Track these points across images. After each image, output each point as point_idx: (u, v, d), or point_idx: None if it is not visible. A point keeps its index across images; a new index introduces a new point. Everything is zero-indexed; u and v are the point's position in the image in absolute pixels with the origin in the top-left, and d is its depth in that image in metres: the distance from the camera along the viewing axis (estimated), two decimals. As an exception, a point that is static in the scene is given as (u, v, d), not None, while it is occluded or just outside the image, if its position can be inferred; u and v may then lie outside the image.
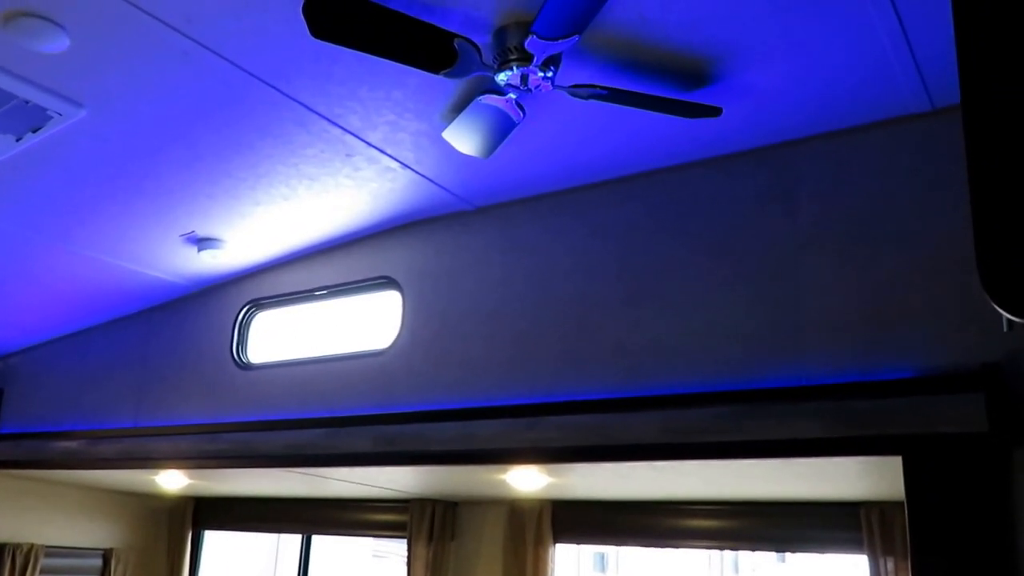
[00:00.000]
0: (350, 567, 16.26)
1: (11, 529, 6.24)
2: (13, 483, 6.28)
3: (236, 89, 3.21)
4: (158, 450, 4.97)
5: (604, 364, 3.67)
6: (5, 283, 5.11)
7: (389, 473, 4.52)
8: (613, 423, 3.48)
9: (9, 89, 3.14)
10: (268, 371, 4.83)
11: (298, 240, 4.64)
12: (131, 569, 6.82)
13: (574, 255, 3.90)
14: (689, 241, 3.63)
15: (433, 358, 4.19)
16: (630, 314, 3.67)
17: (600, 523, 5.05)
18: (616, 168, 3.82)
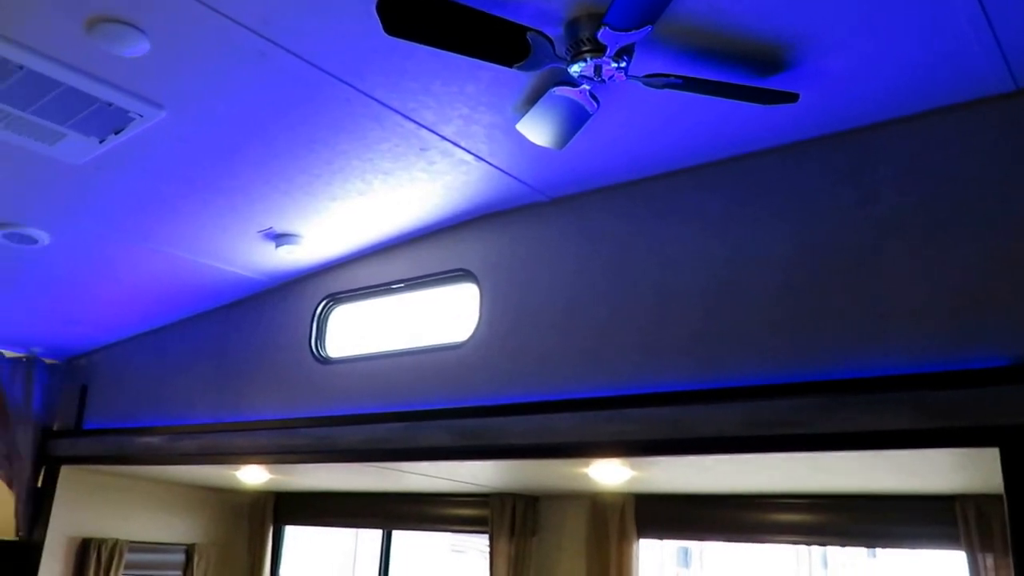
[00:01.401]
0: (428, 562, 16.55)
1: (96, 525, 6.55)
2: (98, 479, 6.59)
3: (311, 87, 3.39)
4: (238, 445, 5.19)
5: (684, 355, 3.77)
6: (89, 281, 5.39)
7: (468, 467, 4.67)
8: (694, 415, 3.56)
9: (92, 92, 3.34)
10: (346, 365, 5.02)
11: (374, 234, 4.82)
12: (213, 564, 7.09)
13: (650, 245, 4.01)
14: (766, 229, 3.70)
15: (511, 351, 4.33)
16: (709, 304, 3.76)
17: (684, 517, 5.14)
18: (691, 157, 3.92)
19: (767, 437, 3.40)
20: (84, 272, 5.26)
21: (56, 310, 5.88)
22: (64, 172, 4.00)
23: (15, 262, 5.00)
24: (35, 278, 5.29)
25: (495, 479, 5.23)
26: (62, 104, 3.42)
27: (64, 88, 3.31)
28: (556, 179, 4.21)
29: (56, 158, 3.84)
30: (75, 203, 4.37)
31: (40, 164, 3.92)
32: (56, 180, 4.10)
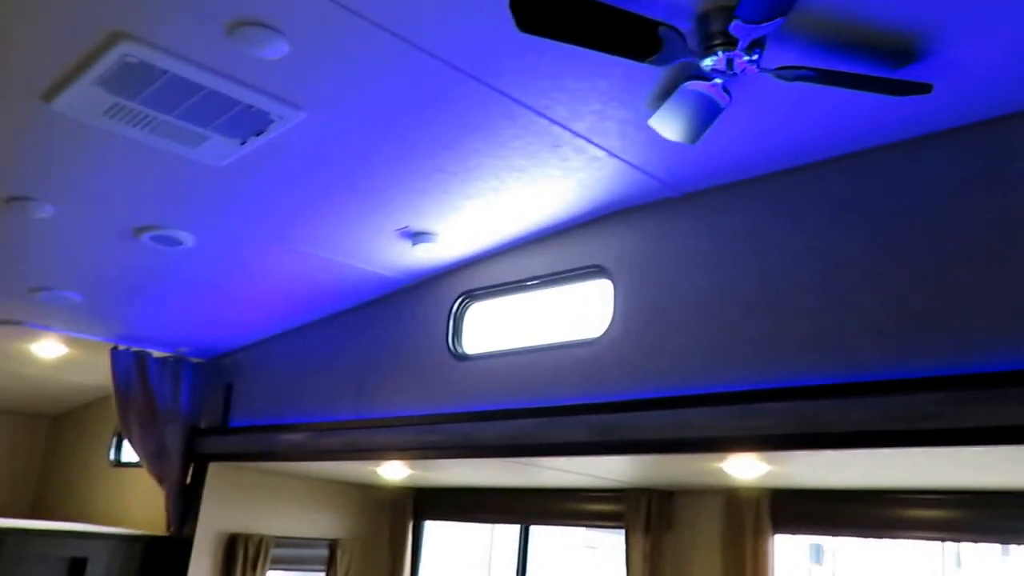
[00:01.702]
0: (563, 558, 16.69)
1: (243, 521, 6.84)
2: (244, 475, 6.87)
3: (445, 85, 3.51)
4: (379, 441, 5.38)
5: (820, 349, 3.80)
6: (231, 281, 5.67)
7: (605, 463, 4.77)
8: (832, 409, 3.59)
9: (234, 95, 3.48)
10: (483, 361, 5.18)
11: (508, 231, 4.98)
12: (356, 559, 7.31)
13: (784, 239, 4.06)
14: (899, 222, 3.71)
15: (645, 346, 4.43)
16: (845, 298, 3.78)
17: (819, 513, 5.12)
18: (822, 150, 3.94)
19: (906, 432, 3.41)
20: (226, 272, 5.52)
21: (201, 310, 6.17)
22: (206, 174, 4.18)
23: (162, 264, 5.26)
24: (180, 279, 5.56)
25: (630, 474, 5.31)
26: (204, 107, 3.56)
27: (206, 91, 3.45)
28: (687, 174, 4.29)
29: (199, 160, 4.02)
30: (217, 205, 4.58)
31: (183, 167, 4.10)
32: (198, 182, 4.29)
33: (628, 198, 4.57)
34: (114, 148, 3.95)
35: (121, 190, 4.43)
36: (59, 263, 5.38)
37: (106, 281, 5.70)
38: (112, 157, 4.06)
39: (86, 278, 5.63)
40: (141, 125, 3.70)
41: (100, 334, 6.69)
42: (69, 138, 3.88)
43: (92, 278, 5.63)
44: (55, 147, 4.01)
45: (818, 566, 17.98)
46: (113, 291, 5.89)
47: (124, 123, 3.68)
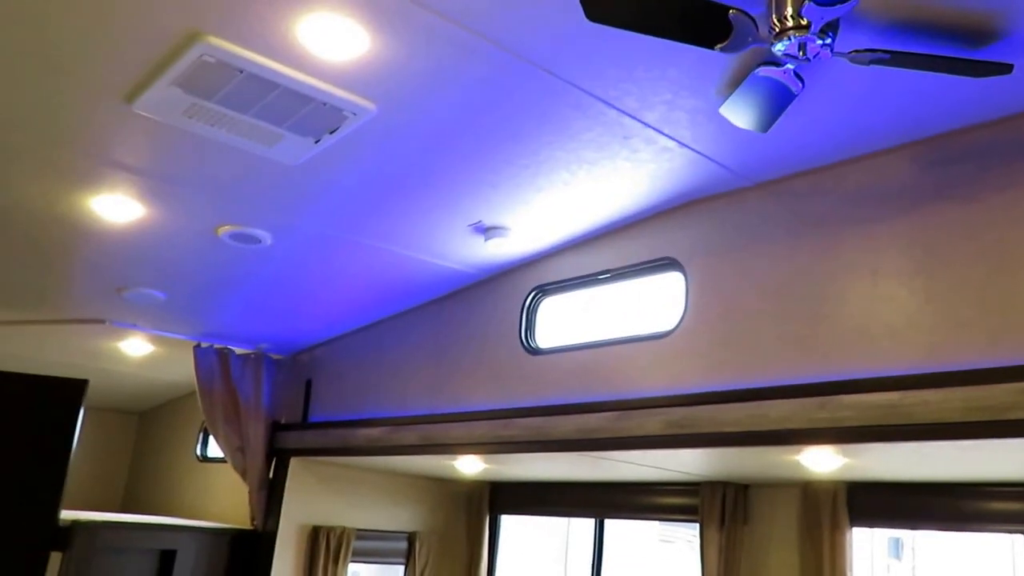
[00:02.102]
0: (638, 552, 16.57)
1: (324, 514, 6.88)
2: (324, 469, 6.91)
3: (515, 78, 3.47)
4: (454, 436, 5.37)
5: (899, 339, 3.69)
6: (308, 278, 5.70)
7: (679, 456, 4.69)
8: (911, 401, 3.48)
9: (307, 93, 3.47)
10: (556, 356, 5.13)
11: (579, 225, 4.92)
12: (434, 552, 7.32)
13: (862, 225, 3.93)
14: (981, 207, 3.57)
15: (720, 338, 4.34)
16: (925, 286, 3.66)
17: (898, 506, 4.99)
18: (899, 134, 3.81)
19: (990, 423, 3.29)
20: (303, 270, 5.54)
21: (279, 307, 6.21)
22: (282, 173, 4.19)
23: (241, 262, 5.31)
24: (259, 277, 5.61)
25: (705, 467, 5.22)
26: (279, 106, 3.56)
27: (281, 90, 3.44)
28: (760, 163, 4.19)
29: (274, 159, 4.02)
30: (292, 203, 4.58)
31: (260, 165, 4.11)
32: (275, 181, 4.30)
33: (699, 188, 4.49)
34: (194, 148, 3.98)
35: (201, 190, 4.47)
36: (144, 262, 5.44)
37: (188, 279, 5.76)
38: (192, 157, 4.10)
39: (169, 277, 5.69)
40: (218, 125, 3.71)
41: (184, 332, 6.78)
42: (151, 138, 3.92)
43: (175, 277, 5.70)
44: (140, 147, 4.04)
45: (897, 561, 17.57)
46: (195, 289, 5.95)
47: (202, 123, 3.71)
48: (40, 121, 3.81)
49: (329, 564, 6.78)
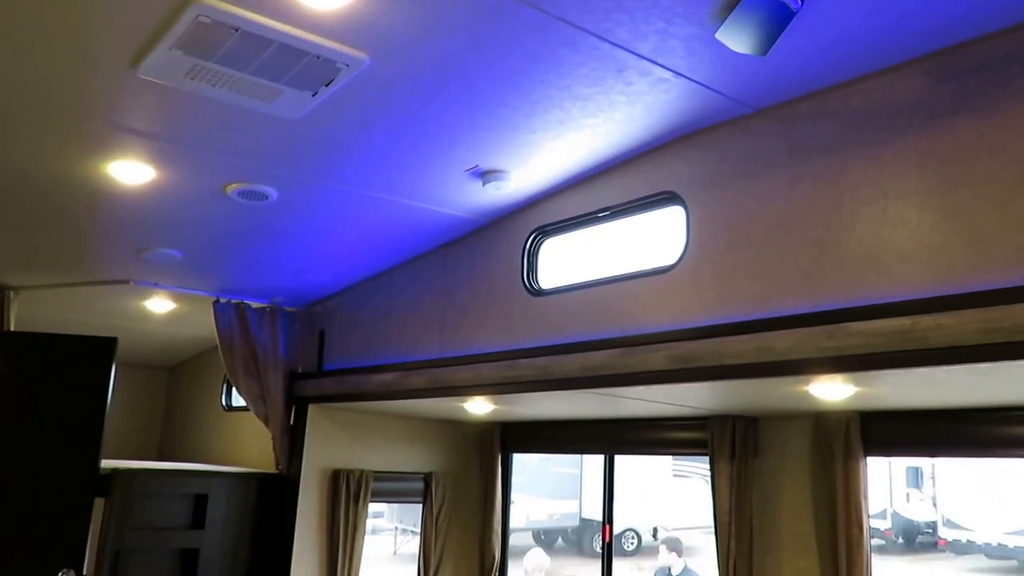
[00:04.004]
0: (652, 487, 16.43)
1: (344, 457, 6.72)
2: (342, 415, 6.71)
3: (505, 17, 3.13)
4: (463, 378, 5.08)
5: (910, 262, 3.27)
6: (315, 231, 5.39)
7: (686, 390, 4.32)
8: (925, 325, 3.08)
9: (302, 47, 3.24)
10: (559, 296, 4.76)
11: (576, 163, 4.51)
12: (450, 491, 7.14)
13: (869, 147, 3.47)
14: (999, 120, 3.11)
15: (723, 271, 3.93)
16: (939, 206, 3.22)
17: (914, 434, 4.61)
18: (908, 48, 3.34)
19: (1009, 344, 2.89)
20: (310, 223, 5.24)
21: (290, 261, 5.94)
22: (284, 128, 3.93)
23: (251, 218, 5.03)
24: (269, 232, 5.32)
25: (713, 401, 4.88)
26: (275, 62, 3.34)
27: (276, 45, 3.23)
28: (760, 89, 3.73)
29: (275, 115, 3.77)
30: (295, 157, 4.30)
31: (262, 122, 3.86)
32: (277, 137, 4.04)
33: (698, 119, 4.04)
34: (198, 109, 3.77)
35: (208, 150, 4.23)
36: (160, 223, 5.22)
37: (202, 238, 5.51)
38: (197, 118, 3.88)
39: (184, 236, 5.46)
40: (219, 84, 3.51)
41: (202, 288, 6.57)
42: (158, 102, 3.72)
43: (190, 236, 5.45)
44: (148, 111, 3.84)
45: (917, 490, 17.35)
46: (210, 247, 5.71)
47: (204, 83, 3.50)
48: (53, 92, 3.64)
49: (350, 504, 6.64)
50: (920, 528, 17.06)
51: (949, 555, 15.94)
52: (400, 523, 17.12)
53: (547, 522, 17.98)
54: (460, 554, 7.18)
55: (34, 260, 5.97)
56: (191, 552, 6.26)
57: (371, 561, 6.94)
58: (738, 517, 5.15)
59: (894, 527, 16.85)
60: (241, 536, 6.50)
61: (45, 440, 5.82)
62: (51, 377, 5.98)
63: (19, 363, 5.98)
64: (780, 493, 5.18)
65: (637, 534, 17.54)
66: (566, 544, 18.61)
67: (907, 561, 16.11)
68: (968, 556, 15.55)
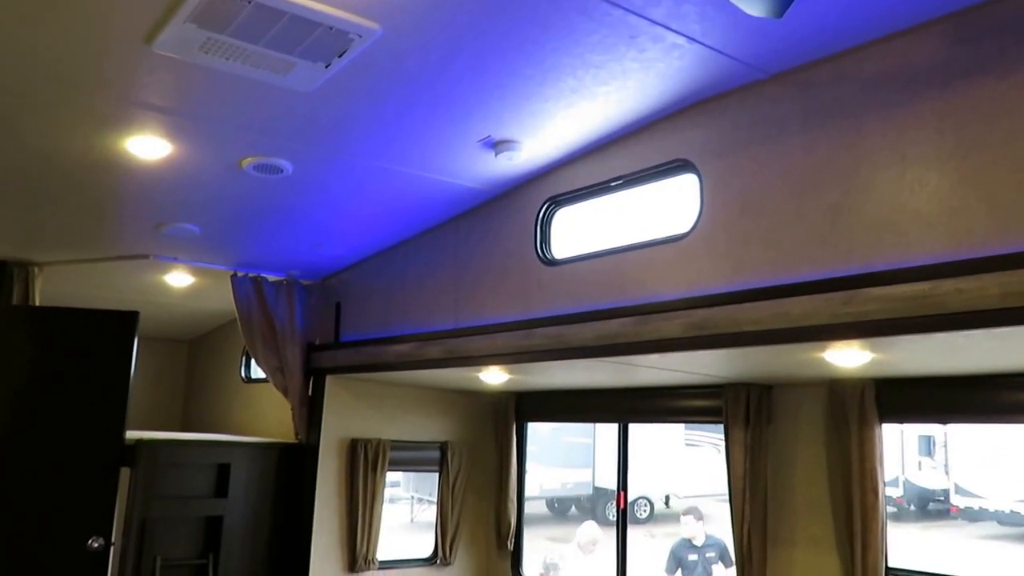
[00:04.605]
0: (664, 456, 16.38)
1: (361, 427, 6.68)
2: (359, 386, 6.66)
3: None
4: (477, 348, 4.99)
5: (929, 227, 3.14)
6: (329, 204, 5.30)
7: (701, 358, 4.23)
8: (944, 290, 2.96)
9: (314, 18, 3.15)
10: (572, 265, 4.66)
11: (589, 132, 4.38)
12: (466, 460, 7.10)
13: (886, 110, 3.33)
14: (1020, 81, 2.97)
15: (737, 238, 3.81)
16: (957, 169, 3.09)
17: (930, 400, 4.51)
18: (926, 9, 3.19)
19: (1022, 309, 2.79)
20: (324, 197, 5.14)
21: (305, 234, 5.85)
22: (298, 101, 3.83)
23: (266, 192, 4.94)
24: (284, 206, 5.23)
25: (728, 369, 4.77)
26: (288, 33, 3.25)
27: (288, 17, 3.14)
28: (775, 53, 3.59)
29: (289, 87, 3.67)
30: (309, 130, 4.20)
31: (276, 95, 3.76)
32: (291, 109, 3.94)
33: (711, 85, 3.90)
34: (213, 83, 3.67)
35: (223, 124, 4.14)
36: (177, 198, 5.14)
37: (219, 212, 5.42)
38: (212, 92, 3.79)
39: (202, 211, 5.38)
40: (233, 57, 3.42)
41: (220, 263, 6.51)
42: (173, 77, 3.64)
43: (207, 210, 5.37)
44: (163, 87, 3.76)
45: (929, 458, 17.24)
46: (227, 221, 5.62)
47: (218, 57, 3.40)
48: (69, 69, 3.56)
49: (368, 473, 6.61)
50: (932, 495, 16.99)
51: (961, 522, 15.86)
52: (416, 492, 17.17)
53: (560, 491, 18.00)
54: (476, 521, 7.16)
55: (57, 237, 5.92)
56: (215, 520, 6.27)
57: (389, 529, 6.92)
58: (752, 484, 5.08)
59: (906, 495, 16.79)
60: (263, 504, 6.50)
61: (72, 412, 5.82)
62: (76, 351, 5.95)
63: (45, 338, 5.96)
64: (794, 460, 5.10)
65: (650, 502, 17.55)
66: (580, 512, 18.64)
67: (919, 528, 16.05)
68: (980, 523, 15.47)
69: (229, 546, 6.27)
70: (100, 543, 5.62)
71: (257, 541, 6.44)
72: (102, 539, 5.63)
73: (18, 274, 6.27)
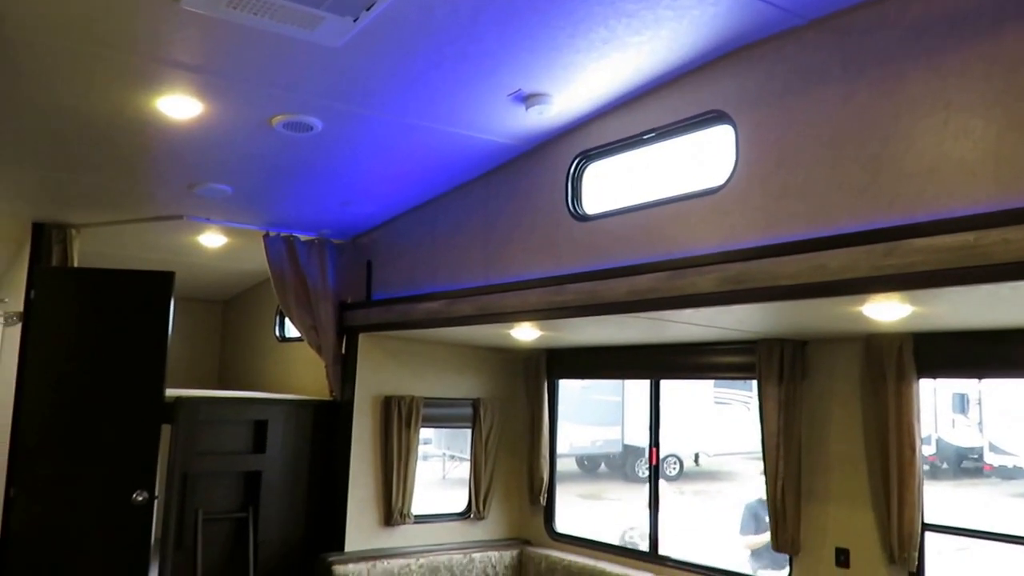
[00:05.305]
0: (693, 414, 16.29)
1: (394, 384, 6.66)
2: (391, 344, 6.62)
3: None
4: (509, 304, 4.91)
5: (974, 175, 3.00)
6: (360, 163, 5.22)
7: (735, 313, 4.11)
8: (990, 240, 2.84)
9: None
10: (604, 220, 4.54)
11: (621, 84, 4.24)
12: (498, 416, 7.06)
13: (930, 56, 3.17)
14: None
15: (774, 190, 3.68)
16: (1005, 114, 2.94)
17: (968, 354, 4.37)
18: (976, -52, 3.02)
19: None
20: (354, 155, 5.06)
21: (336, 193, 5.78)
22: (327, 57, 3.75)
23: (296, 151, 4.87)
24: (314, 164, 5.16)
25: (762, 324, 4.65)
26: None
27: None
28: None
29: (318, 42, 3.59)
30: (338, 86, 4.11)
31: (305, 51, 3.68)
32: (320, 65, 3.85)
33: (747, 33, 3.74)
34: (242, 39, 3.60)
35: (252, 81, 4.06)
36: (208, 158, 5.09)
37: (250, 172, 5.36)
38: (241, 49, 3.71)
39: (233, 170, 5.32)
40: (261, 12, 3.33)
41: (252, 223, 6.47)
42: (202, 34, 3.56)
43: (238, 170, 5.31)
44: (193, 44, 3.68)
45: (962, 416, 17.02)
46: (258, 181, 5.56)
47: (246, 12, 3.32)
48: (100, 28, 3.51)
49: (402, 429, 6.59)
50: (966, 453, 16.80)
51: (995, 480, 15.68)
52: (448, 450, 17.25)
53: (590, 449, 18.02)
54: (509, 477, 7.14)
55: (92, 198, 5.91)
56: (254, 475, 6.34)
57: (422, 485, 6.91)
58: (786, 440, 4.99)
59: (940, 453, 16.61)
60: (300, 460, 6.54)
61: (113, 371, 5.87)
62: (115, 311, 5.98)
63: (85, 298, 6.00)
64: (828, 416, 4.99)
65: (679, 460, 17.52)
66: (609, 469, 18.66)
67: (953, 486, 15.89)
68: (1014, 481, 15.29)
69: (268, 500, 6.33)
70: (144, 496, 5.71)
71: (295, 495, 6.49)
72: (146, 493, 5.72)
73: (56, 236, 6.27)
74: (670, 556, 6.01)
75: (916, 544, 4.50)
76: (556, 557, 6.53)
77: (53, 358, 5.86)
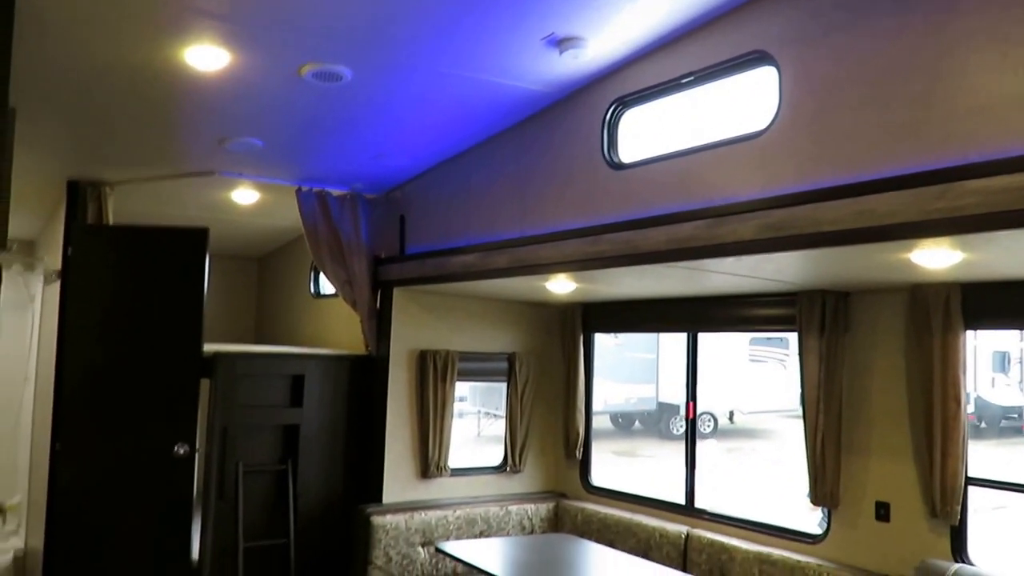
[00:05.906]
0: (728, 372, 16.15)
1: (430, 339, 6.62)
2: (427, 298, 6.57)
3: None
4: (545, 256, 4.80)
5: (1036, 110, 2.82)
6: (391, 113, 5.11)
7: (776, 262, 3.97)
8: (1050, 179, 2.68)
9: None
10: (641, 168, 4.40)
11: (658, 26, 4.07)
12: (534, 370, 7.01)
13: (987, -12, 2.97)
14: None
15: (818, 133, 3.52)
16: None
17: (1019, 305, 4.19)
18: None
19: None
20: (385, 105, 4.94)
21: (367, 146, 5.67)
22: (354, 1, 3.64)
23: (327, 101, 4.77)
24: (345, 116, 5.05)
25: (803, 275, 4.51)
26: None
27: None
28: (861, -72, 3.27)
29: None
30: (368, 34, 3.99)
31: None
32: (348, 11, 3.74)
33: (791, -33, 3.57)
34: None
35: (280, 29, 3.94)
36: (238, 111, 5.01)
37: (281, 125, 5.28)
38: None
39: (264, 124, 5.24)
40: None
41: (284, 178, 6.40)
42: None
43: (269, 123, 5.22)
44: None
45: (1003, 375, 16.71)
46: (289, 134, 5.47)
47: None
48: None
49: (438, 383, 6.57)
50: (1006, 412, 16.53)
51: (1035, 439, 15.42)
52: (483, 407, 17.30)
53: (625, 406, 17.98)
54: (545, 431, 7.10)
55: (124, 155, 5.88)
56: (292, 428, 6.37)
57: (457, 442, 6.90)
58: (827, 393, 4.86)
59: (978, 411, 16.35)
60: (337, 413, 6.56)
61: (152, 326, 5.91)
62: (151, 267, 6.01)
63: (122, 255, 6.03)
64: (871, 369, 4.85)
65: (714, 417, 17.44)
66: (643, 427, 18.63)
67: (991, 445, 15.65)
68: (1055, 441, 15.02)
69: (306, 453, 6.37)
70: (186, 449, 5.78)
71: (334, 449, 6.52)
72: (187, 446, 5.79)
73: (91, 193, 6.24)
74: (706, 509, 5.93)
75: (959, 498, 4.38)
76: (592, 510, 6.50)
77: (92, 315, 5.89)
